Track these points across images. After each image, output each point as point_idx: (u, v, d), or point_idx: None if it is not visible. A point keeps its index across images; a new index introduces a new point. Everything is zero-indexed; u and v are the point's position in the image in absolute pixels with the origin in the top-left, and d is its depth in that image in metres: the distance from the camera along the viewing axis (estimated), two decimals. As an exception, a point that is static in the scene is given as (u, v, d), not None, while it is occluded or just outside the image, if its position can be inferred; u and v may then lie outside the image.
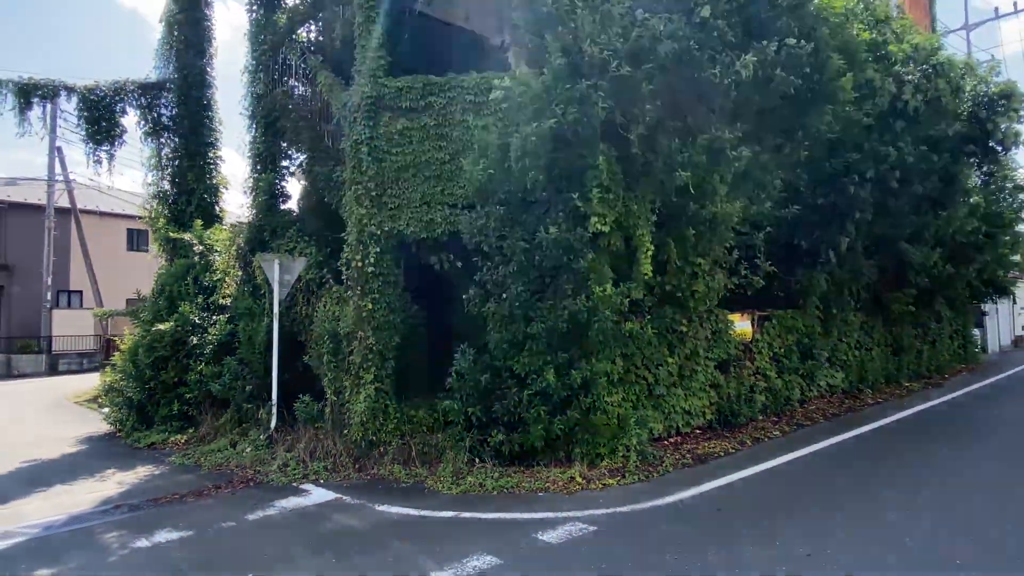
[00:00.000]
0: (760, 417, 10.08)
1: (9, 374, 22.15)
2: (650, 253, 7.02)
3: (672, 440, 8.67)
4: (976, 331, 25.25)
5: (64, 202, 23.76)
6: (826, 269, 10.29)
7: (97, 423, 11.74)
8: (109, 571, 4.98)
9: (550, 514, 5.90)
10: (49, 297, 23.61)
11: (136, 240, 27.73)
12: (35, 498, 7.00)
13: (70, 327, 23.93)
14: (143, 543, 5.47)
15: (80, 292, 25.75)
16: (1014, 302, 31.89)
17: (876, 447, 8.67)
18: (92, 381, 18.96)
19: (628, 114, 5.91)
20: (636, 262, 7.00)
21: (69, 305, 25.67)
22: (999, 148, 9.99)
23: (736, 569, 4.59)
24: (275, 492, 7.02)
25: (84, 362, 23.40)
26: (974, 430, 9.72)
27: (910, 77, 8.87)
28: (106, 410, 13.05)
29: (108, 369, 11.25)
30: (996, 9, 22.21)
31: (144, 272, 27.41)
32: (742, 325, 10.16)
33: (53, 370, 22.81)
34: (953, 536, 5.19)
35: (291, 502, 6.63)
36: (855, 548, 4.94)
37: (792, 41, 5.84)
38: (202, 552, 5.31)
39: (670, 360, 8.56)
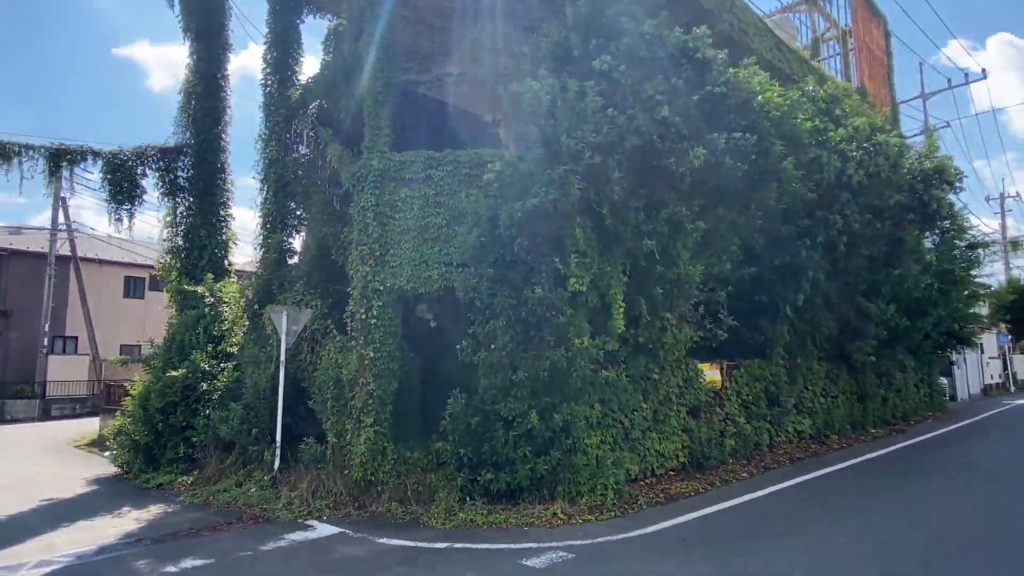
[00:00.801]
0: (730, 460, 10.88)
1: (2, 419, 22.40)
2: (622, 309, 7.96)
3: (647, 481, 9.43)
4: (944, 380, 26.34)
5: (65, 250, 24.50)
6: (787, 322, 11.30)
7: (102, 466, 12.27)
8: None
9: (534, 544, 6.62)
10: (46, 343, 24.06)
11: (133, 287, 28.38)
12: (62, 532, 7.60)
13: (64, 373, 24.31)
14: (172, 569, 6.12)
15: (75, 338, 26.21)
16: (982, 352, 33.31)
17: (834, 487, 9.47)
18: (87, 426, 19.37)
19: (600, 193, 6.95)
20: (610, 317, 7.93)
21: (64, 351, 26.07)
22: (935, 216, 11.20)
23: (692, 586, 5.35)
24: (283, 527, 7.66)
25: (76, 407, 23.71)
26: (928, 471, 10.57)
27: (853, 154, 10.11)
28: (108, 454, 13.62)
29: (119, 414, 11.84)
30: (949, 80, 24.20)
31: (139, 319, 28.06)
32: (712, 373, 11.06)
33: (46, 415, 23.08)
34: (886, 562, 5.98)
35: (299, 535, 7.29)
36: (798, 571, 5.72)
37: (738, 135, 6.97)
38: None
39: (644, 406, 9.41)
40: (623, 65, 6.92)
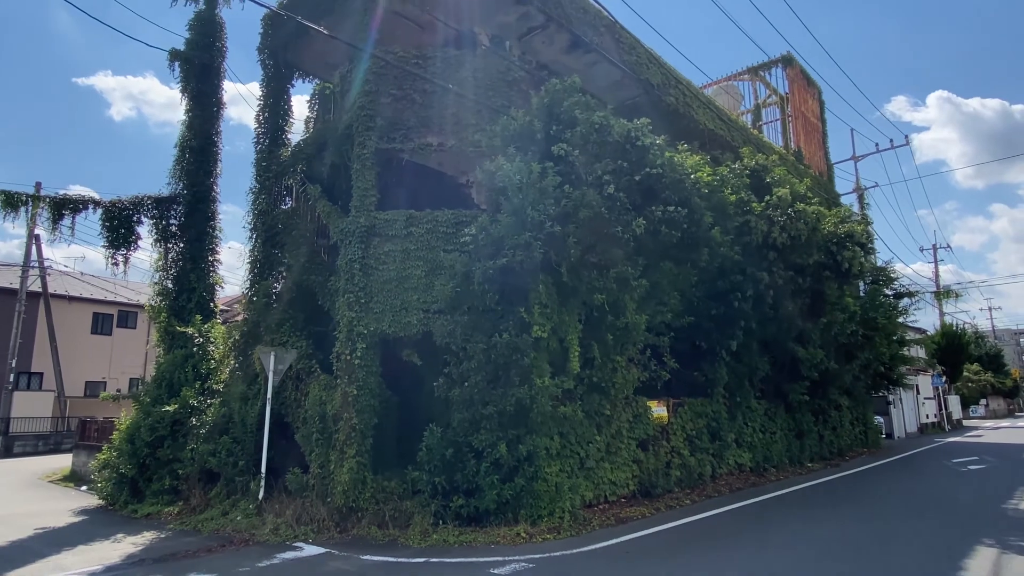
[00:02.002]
0: (676, 489, 12.08)
1: (-38, 456, 22.16)
2: (578, 353, 9.21)
3: (601, 506, 10.54)
4: (881, 419, 28.31)
5: (36, 286, 24.70)
6: (725, 364, 12.72)
7: (82, 499, 12.76)
8: (159, 600, 6.44)
9: (500, 558, 7.65)
10: (11, 379, 24.00)
11: (100, 324, 28.50)
12: (67, 554, 8.27)
13: (29, 409, 24.21)
14: (178, 582, 6.94)
15: (41, 374, 26.13)
16: (918, 392, 35.63)
17: (765, 511, 10.73)
18: (55, 462, 19.51)
19: (559, 255, 8.26)
20: (568, 360, 9.16)
21: (29, 387, 25.94)
22: (848, 273, 12.89)
23: (631, 585, 6.47)
24: (273, 549, 8.49)
25: (40, 444, 23.60)
26: (848, 499, 11.93)
27: (778, 219, 11.74)
28: (85, 488, 14.08)
29: (105, 448, 12.40)
30: (876, 144, 26.81)
31: (105, 355, 28.14)
32: (659, 410, 12.33)
33: (8, 452, 22.91)
34: (793, 568, 7.21)
35: (289, 555, 8.15)
36: (717, 573, 6.90)
37: (672, 208, 8.42)
38: (229, 586, 6.83)
39: (598, 438, 10.58)
40: (577, 150, 8.33)
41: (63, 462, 19.13)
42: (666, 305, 10.36)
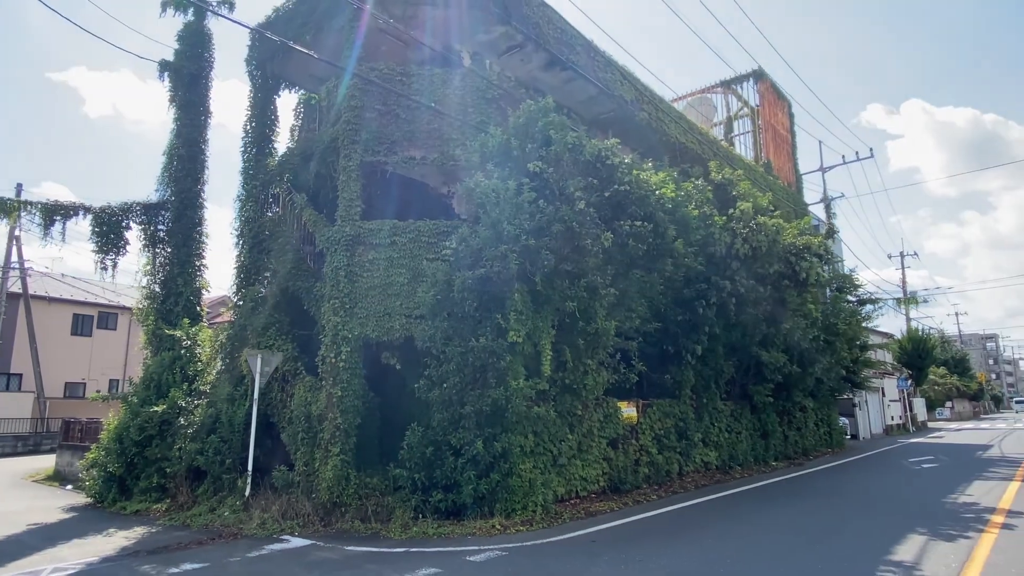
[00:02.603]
0: (644, 485, 12.76)
1: (-60, 458, 22.09)
2: (550, 357, 9.82)
3: (572, 501, 11.16)
4: (846, 420, 29.40)
5: (16, 287, 24.71)
6: (691, 367, 13.44)
7: (68, 497, 13.06)
8: (157, 586, 6.91)
9: (476, 547, 8.22)
10: (-10, 380, 23.97)
11: (80, 325, 28.48)
12: (63, 547, 8.67)
13: (8, 410, 24.18)
14: (174, 570, 7.40)
15: (20, 375, 26.08)
16: (883, 395, 36.94)
17: (726, 505, 11.44)
18: (36, 463, 19.65)
19: (533, 265, 8.87)
20: (541, 363, 9.77)
21: (8, 388, 25.87)
22: (806, 282, 13.70)
23: (594, 570, 7.09)
24: (261, 541, 8.96)
25: (19, 445, 23.58)
26: (805, 494, 12.70)
27: (741, 231, 12.49)
28: (70, 487, 14.37)
29: (94, 447, 12.71)
30: (843, 156, 27.88)
31: (85, 356, 28.14)
32: (629, 411, 13.01)
33: (-15, 453, 22.87)
34: (743, 552, 7.89)
35: (277, 546, 8.63)
36: (676, 558, 7.55)
37: (638, 223, 9.08)
38: (223, 574, 7.31)
39: (570, 437, 11.21)
40: (551, 167, 8.96)
41: (45, 463, 19.27)
42: (634, 312, 11.04)
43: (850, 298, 23.46)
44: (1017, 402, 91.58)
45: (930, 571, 6.48)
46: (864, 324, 24.62)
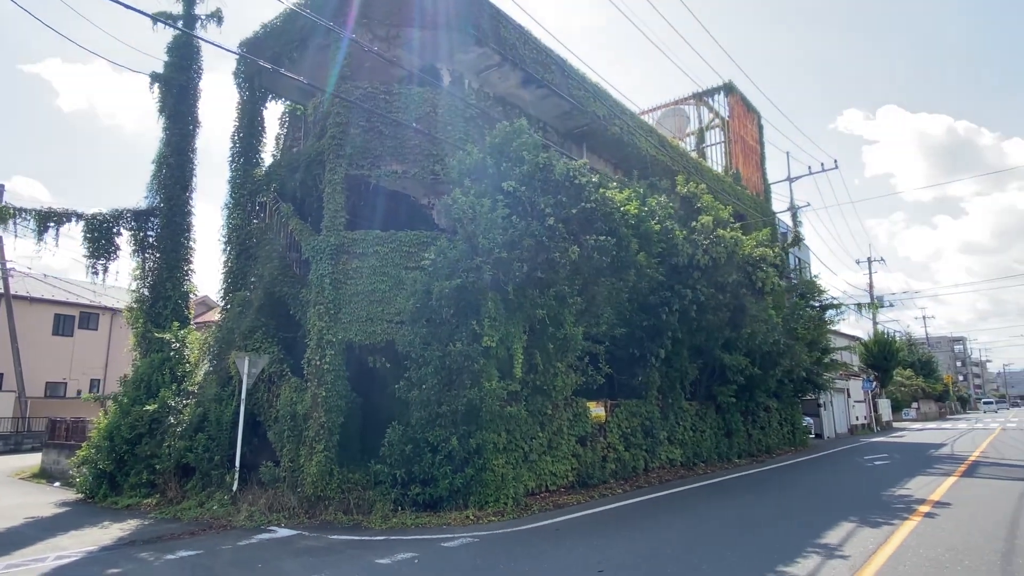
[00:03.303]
0: (611, 480, 13.59)
1: (-80, 457, 22.21)
2: (522, 360, 10.59)
3: (542, 495, 11.95)
4: (811, 420, 30.63)
5: (-3, 288, 24.82)
6: (656, 370, 14.31)
7: (58, 493, 13.53)
8: (156, 572, 7.52)
9: (451, 535, 8.96)
10: (-29, 380, 24.09)
11: (62, 325, 28.61)
12: (62, 538, 9.22)
13: (-12, 410, 24.33)
14: (171, 556, 8.03)
15: (1, 375, 26.18)
16: (849, 396, 38.35)
17: (685, 498, 12.31)
18: (18, 462, 19.96)
19: (506, 276, 9.63)
20: (513, 366, 10.53)
21: (-12, 388, 25.97)
22: (762, 291, 14.66)
23: (555, 553, 7.87)
24: (249, 532, 9.60)
25: (0, 444, 23.75)
26: (760, 488, 13.63)
27: (702, 243, 13.39)
28: (58, 484, 14.83)
29: (85, 445, 13.19)
30: (809, 167, 29.07)
31: (67, 356, 28.28)
32: (597, 410, 13.84)
33: (-34, 453, 23.03)
34: (690, 537, 8.73)
35: (265, 536, 9.28)
36: (630, 542, 8.36)
37: (603, 238, 9.90)
38: (217, 560, 7.95)
39: (541, 435, 11.99)
40: (524, 186, 9.72)
41: (28, 461, 19.61)
42: (601, 318, 11.86)
43: (813, 303, 24.63)
44: (985, 403, 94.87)
45: (848, 552, 7.36)
46: (827, 328, 25.83)
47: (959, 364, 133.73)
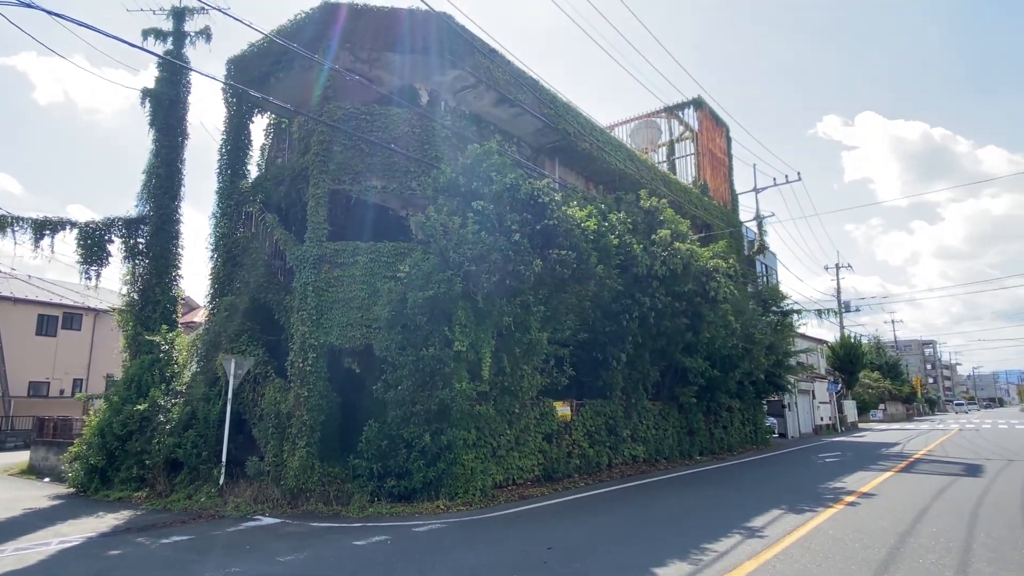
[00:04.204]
0: (575, 475, 14.59)
1: (-97, 455, 22.52)
2: (490, 363, 11.54)
3: (510, 487, 12.91)
4: (774, 420, 31.99)
5: (-19, 289, 25.20)
6: (619, 372, 15.35)
7: (50, 488, 14.20)
8: (155, 553, 8.34)
9: (422, 522, 9.88)
10: (-46, 379, 24.43)
11: (45, 325, 28.96)
12: (61, 526, 9.98)
13: (-29, 409, 24.67)
14: (166, 541, 8.85)
15: (-16, 375, 26.50)
16: (813, 397, 39.87)
17: (640, 490, 13.34)
18: (3, 459, 20.40)
19: (475, 287, 10.58)
20: (482, 368, 11.48)
21: (-29, 387, 26.27)
22: (715, 299, 15.81)
23: (512, 534, 8.83)
24: (237, 520, 10.42)
25: (-18, 443, 24.11)
26: (713, 482, 14.72)
27: (660, 255, 14.46)
28: (47, 479, 15.48)
29: (77, 442, 13.87)
30: (774, 179, 30.39)
31: (50, 356, 28.64)
32: (563, 409, 14.83)
33: (-51, 451, 23.37)
34: (634, 522, 9.73)
35: (251, 524, 10.12)
36: (576, 526, 9.35)
37: (564, 252, 10.89)
38: (210, 543, 8.78)
39: (508, 432, 12.95)
40: (492, 204, 10.68)
41: (14, 459, 20.11)
42: (564, 324, 12.87)
43: (774, 309, 25.92)
44: (957, 404, 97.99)
45: (768, 533, 8.42)
46: (789, 333, 27.15)
47: (929, 367, 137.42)
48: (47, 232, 13.66)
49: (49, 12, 7.83)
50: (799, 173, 29.19)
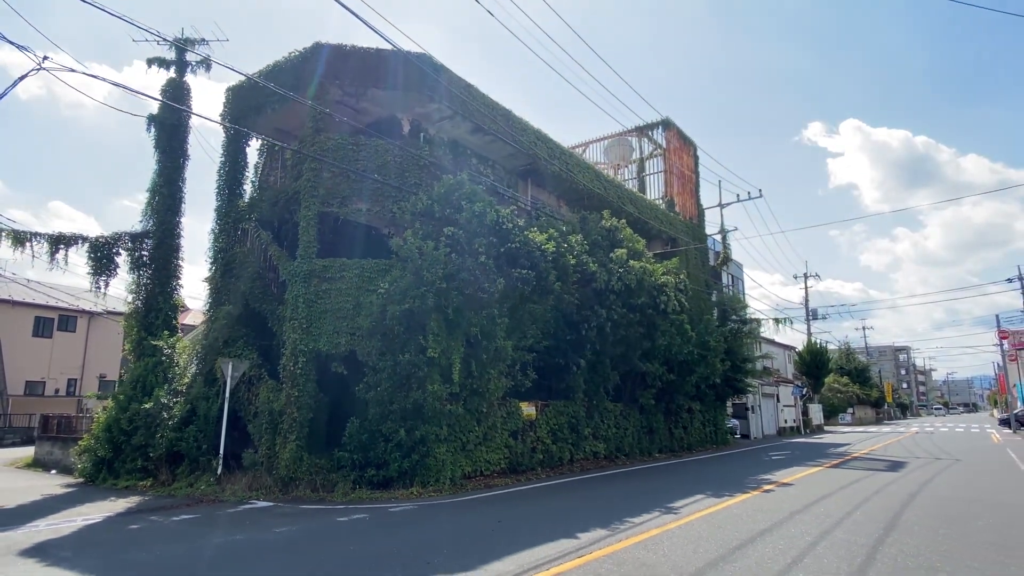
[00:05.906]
0: (538, 469, 16.23)
1: (-93, 450, 23.65)
2: (460, 367, 13.16)
3: (477, 478, 14.52)
4: (737, 421, 33.89)
5: (-19, 292, 26.34)
6: (580, 375, 17.04)
7: (58, 479, 15.57)
8: (169, 527, 9.83)
9: (396, 505, 11.45)
10: (-45, 379, 25.55)
11: (42, 327, 30.10)
12: (80, 508, 11.43)
13: (-29, 407, 25.81)
14: (176, 518, 10.35)
15: (-17, 374, 27.61)
16: (778, 400, 41.87)
17: (594, 481, 15.00)
18: (6, 455, 21.65)
19: (446, 302, 12.20)
20: (453, 372, 13.09)
21: (-30, 386, 27.37)
22: (665, 312, 17.59)
23: (471, 513, 10.43)
24: (235, 504, 11.93)
25: (-17, 440, 25.26)
26: (662, 475, 16.42)
27: (617, 271, 16.17)
28: (54, 471, 16.84)
29: (86, 436, 15.28)
30: (738, 195, 32.31)
31: (46, 357, 29.79)
32: (529, 409, 16.48)
33: (-49, 447, 24.52)
34: (574, 504, 11.36)
35: (248, 506, 11.63)
36: (525, 508, 10.97)
37: (525, 271, 12.55)
38: (213, 520, 10.29)
39: (477, 429, 14.56)
40: (462, 230, 12.31)
41: (16, 454, 21.40)
42: (527, 334, 14.53)
43: (734, 317, 27.79)
44: (936, 408, 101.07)
45: (683, 511, 10.11)
46: (747, 339, 29.06)
47: (903, 372, 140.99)
48: (62, 246, 15.07)
49: (71, 70, 9.35)
50: (760, 190, 31.13)
